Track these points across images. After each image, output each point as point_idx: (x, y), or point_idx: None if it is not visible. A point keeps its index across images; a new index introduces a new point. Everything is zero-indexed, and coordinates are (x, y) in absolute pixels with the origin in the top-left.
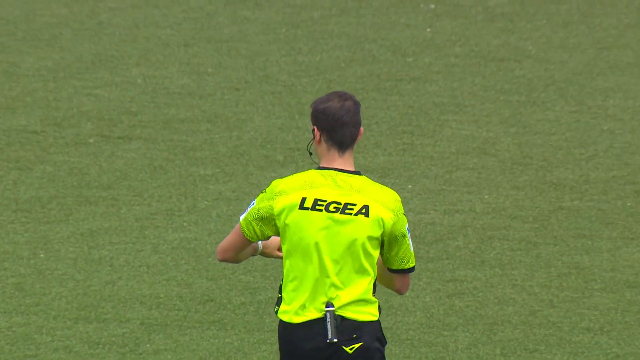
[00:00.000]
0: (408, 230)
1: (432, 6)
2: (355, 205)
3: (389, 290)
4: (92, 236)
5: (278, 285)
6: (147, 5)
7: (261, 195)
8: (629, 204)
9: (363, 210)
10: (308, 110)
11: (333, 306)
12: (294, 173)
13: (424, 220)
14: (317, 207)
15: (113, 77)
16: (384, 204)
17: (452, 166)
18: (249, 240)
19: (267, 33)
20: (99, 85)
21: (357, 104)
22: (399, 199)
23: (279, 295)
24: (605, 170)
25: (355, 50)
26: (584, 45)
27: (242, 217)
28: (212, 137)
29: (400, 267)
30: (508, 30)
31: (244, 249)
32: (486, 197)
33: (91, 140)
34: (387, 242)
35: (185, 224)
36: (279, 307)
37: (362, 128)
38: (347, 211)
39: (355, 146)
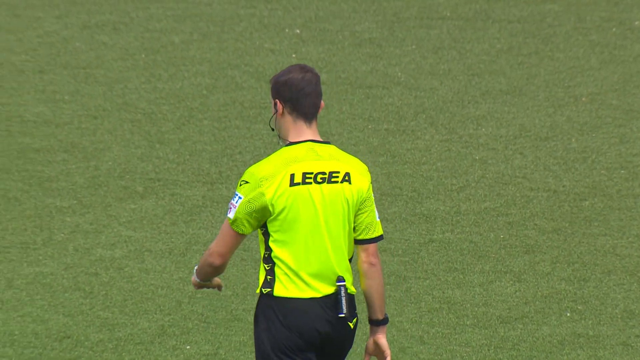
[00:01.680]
0: (374, 199)
1: (298, 31)
2: (338, 172)
3: None
4: None
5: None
6: (0, 29)
7: (244, 186)
8: (501, 236)
9: (346, 178)
10: (168, 139)
11: (344, 281)
12: (266, 157)
13: None
14: (306, 180)
15: None
16: (359, 171)
17: None
18: (244, 235)
19: (125, 59)
20: None
21: (317, 76)
22: (366, 167)
23: (268, 277)
24: (477, 201)
25: (218, 76)
26: (455, 72)
27: (230, 215)
28: (68, 167)
29: (368, 236)
30: (376, 56)
31: (237, 247)
32: None
33: None
34: (361, 209)
35: (40, 257)
36: (272, 288)
37: (322, 101)
38: (333, 179)
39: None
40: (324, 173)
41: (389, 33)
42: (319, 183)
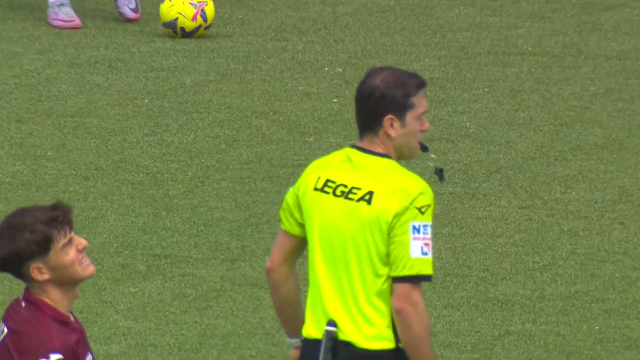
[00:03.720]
0: (417, 230)
1: (340, 69)
2: (359, 189)
3: None
4: None
5: None
6: None
7: (299, 178)
8: (596, 328)
9: (366, 197)
10: (177, 205)
11: (335, 326)
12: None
13: None
14: (325, 189)
15: None
16: (392, 191)
17: None
18: (289, 235)
19: (124, 105)
20: None
21: (382, 86)
22: (423, 190)
23: None
24: (566, 283)
25: (240, 127)
26: (538, 121)
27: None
28: None
29: (395, 274)
30: (439, 100)
31: (291, 250)
32: None
33: None
34: (390, 237)
35: None
36: None
37: (389, 116)
38: (350, 196)
39: (382, 135)
40: (345, 186)
41: (455, 72)
42: (336, 196)
